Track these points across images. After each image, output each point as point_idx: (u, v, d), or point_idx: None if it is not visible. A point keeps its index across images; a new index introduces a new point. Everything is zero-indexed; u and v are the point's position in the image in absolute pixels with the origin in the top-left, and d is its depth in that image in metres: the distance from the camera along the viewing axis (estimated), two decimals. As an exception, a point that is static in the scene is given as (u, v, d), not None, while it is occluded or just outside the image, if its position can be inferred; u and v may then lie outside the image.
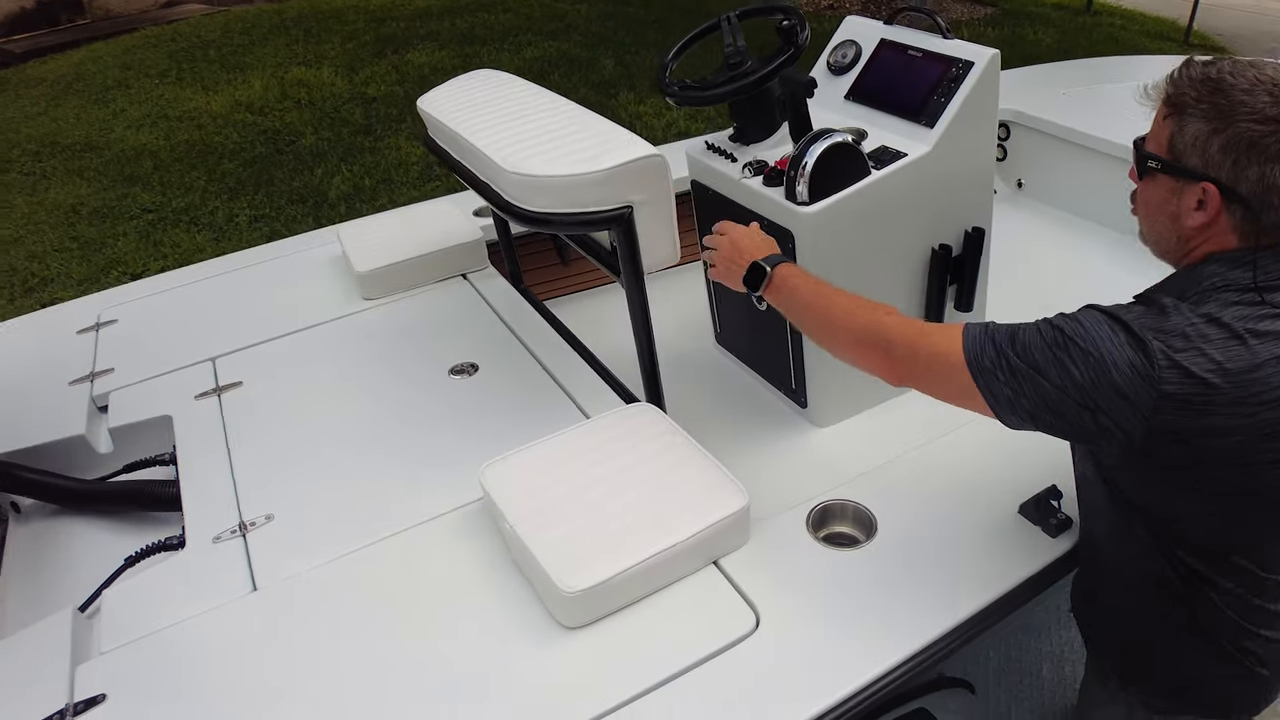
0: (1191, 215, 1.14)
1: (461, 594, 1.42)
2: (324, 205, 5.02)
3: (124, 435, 1.96)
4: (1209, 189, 1.11)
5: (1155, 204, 1.20)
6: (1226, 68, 1.10)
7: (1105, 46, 8.49)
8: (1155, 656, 1.39)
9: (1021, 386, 1.15)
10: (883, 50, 2.20)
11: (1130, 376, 1.06)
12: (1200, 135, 1.09)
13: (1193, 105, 1.10)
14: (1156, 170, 1.17)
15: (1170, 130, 1.13)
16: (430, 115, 1.95)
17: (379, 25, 8.51)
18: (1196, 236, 1.16)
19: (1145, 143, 1.21)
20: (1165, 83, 1.16)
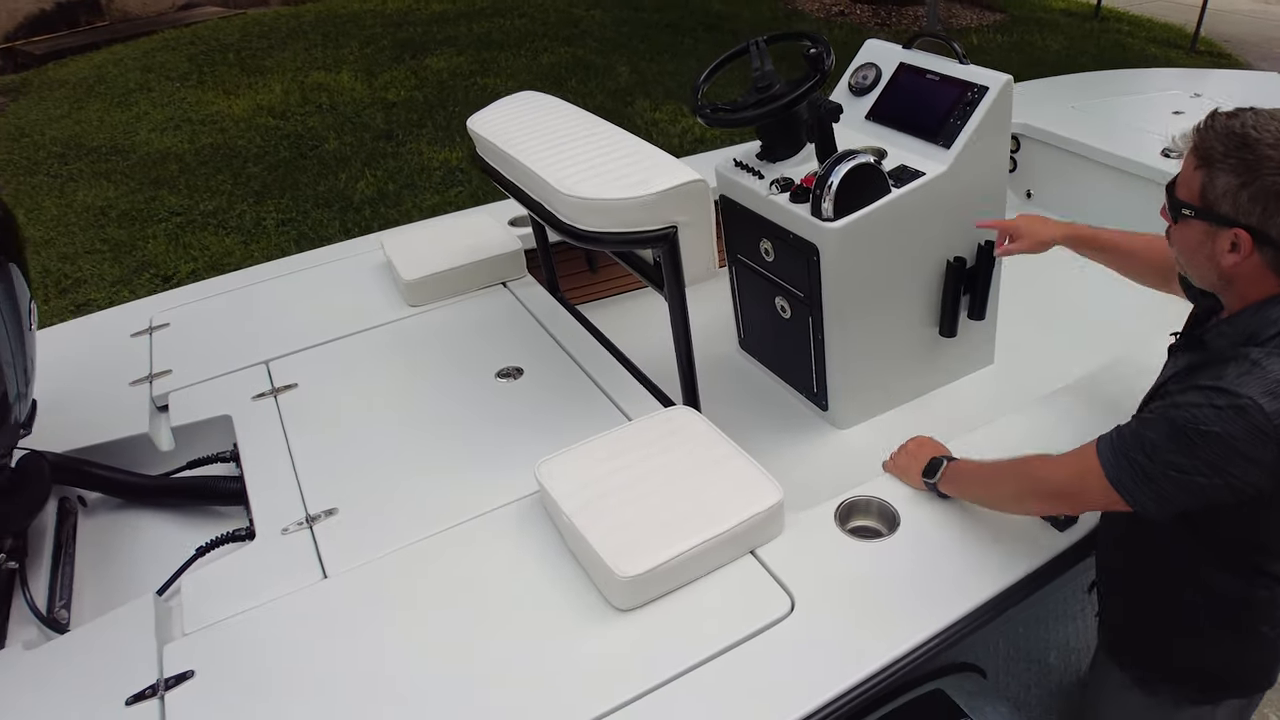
0: (1226, 256, 1.25)
1: (520, 580, 1.54)
2: (349, 209, 5.14)
3: (185, 434, 2.08)
4: (1241, 234, 1.22)
5: (1192, 246, 1.31)
6: (1250, 121, 1.21)
7: (1113, 53, 8.56)
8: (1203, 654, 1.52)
9: (1161, 489, 1.27)
10: (902, 74, 2.32)
11: (1251, 442, 1.18)
12: (1231, 187, 1.20)
13: (1221, 159, 1.21)
14: (1190, 217, 1.27)
15: (1201, 180, 1.24)
16: (480, 136, 2.07)
17: (396, 29, 8.63)
18: (1233, 274, 1.27)
19: (1177, 189, 1.30)
20: (1193, 134, 1.27)
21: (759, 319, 2.53)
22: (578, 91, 7.18)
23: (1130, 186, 3.12)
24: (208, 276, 4.41)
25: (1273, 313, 1.26)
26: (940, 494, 1.65)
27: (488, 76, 7.42)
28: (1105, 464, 1.32)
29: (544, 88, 8.08)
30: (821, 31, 9.25)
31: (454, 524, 1.67)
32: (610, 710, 1.31)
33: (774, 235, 2.22)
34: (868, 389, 2.36)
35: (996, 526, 1.61)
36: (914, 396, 2.46)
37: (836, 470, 2.26)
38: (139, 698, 1.38)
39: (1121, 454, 1.30)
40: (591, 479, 1.61)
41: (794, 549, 1.56)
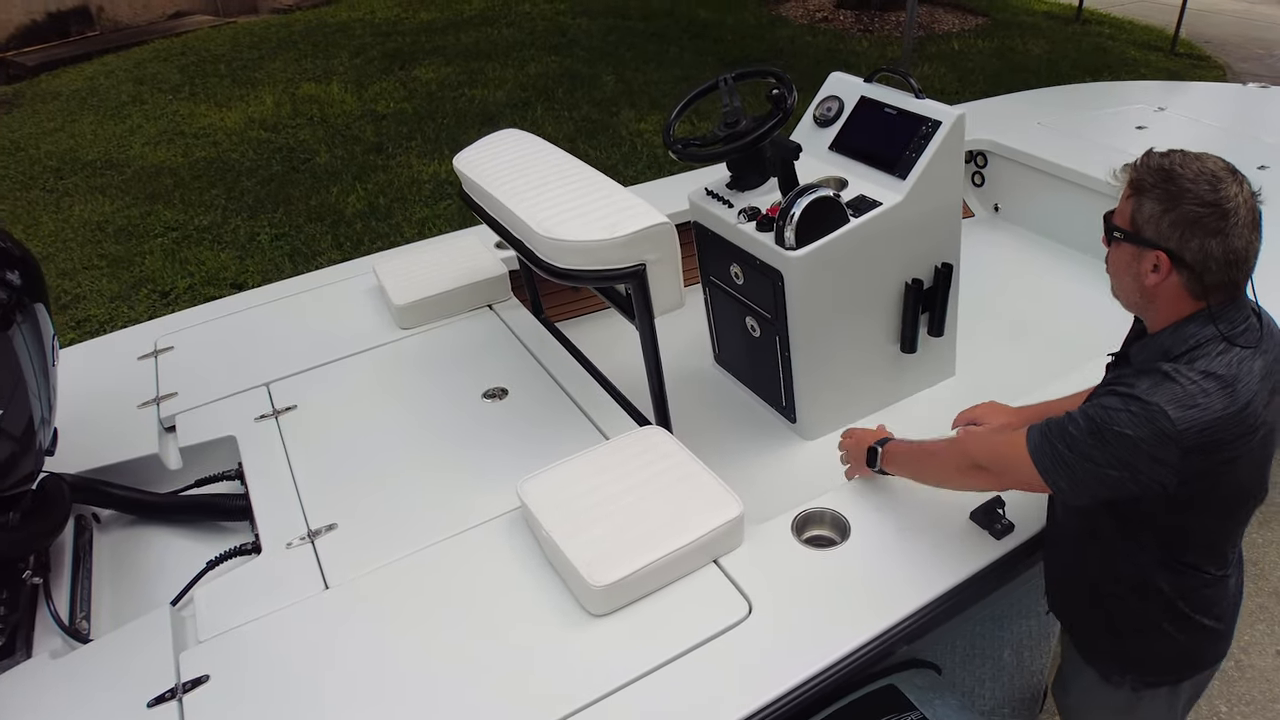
0: (1148, 276, 1.43)
1: (504, 588, 1.69)
2: (341, 223, 5.27)
3: (192, 454, 2.22)
4: (1161, 256, 1.39)
5: (1120, 266, 1.49)
6: (1177, 160, 1.40)
7: (1093, 58, 8.71)
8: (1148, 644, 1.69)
9: (1074, 474, 1.45)
10: (862, 108, 2.47)
11: (1156, 444, 1.36)
12: (1155, 213, 1.39)
13: (1149, 189, 1.40)
14: (1120, 239, 1.45)
15: (1132, 207, 1.42)
16: (466, 175, 2.21)
17: (385, 39, 8.76)
18: (1154, 294, 1.44)
19: (1114, 216, 1.48)
20: (1130, 169, 1.46)
21: (731, 336, 2.68)
22: (565, 102, 7.32)
23: (1091, 201, 3.28)
24: (205, 291, 4.59)
25: (1185, 331, 1.43)
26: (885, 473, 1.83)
27: (476, 87, 7.56)
28: (1031, 447, 1.48)
29: (531, 98, 8.21)
30: (804, 37, 9.40)
31: (444, 538, 1.82)
32: (586, 705, 1.47)
33: (742, 260, 2.37)
34: (834, 402, 2.51)
35: (940, 536, 1.77)
36: (879, 408, 2.61)
37: (804, 478, 2.42)
38: (159, 700, 1.52)
39: (1046, 440, 1.47)
40: (569, 496, 1.76)
41: (753, 558, 1.72)
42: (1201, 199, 1.35)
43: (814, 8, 10.43)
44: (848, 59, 8.48)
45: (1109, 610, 1.69)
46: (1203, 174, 1.37)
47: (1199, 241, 1.36)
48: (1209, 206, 1.35)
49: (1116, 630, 1.71)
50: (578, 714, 1.46)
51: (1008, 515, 1.78)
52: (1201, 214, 1.35)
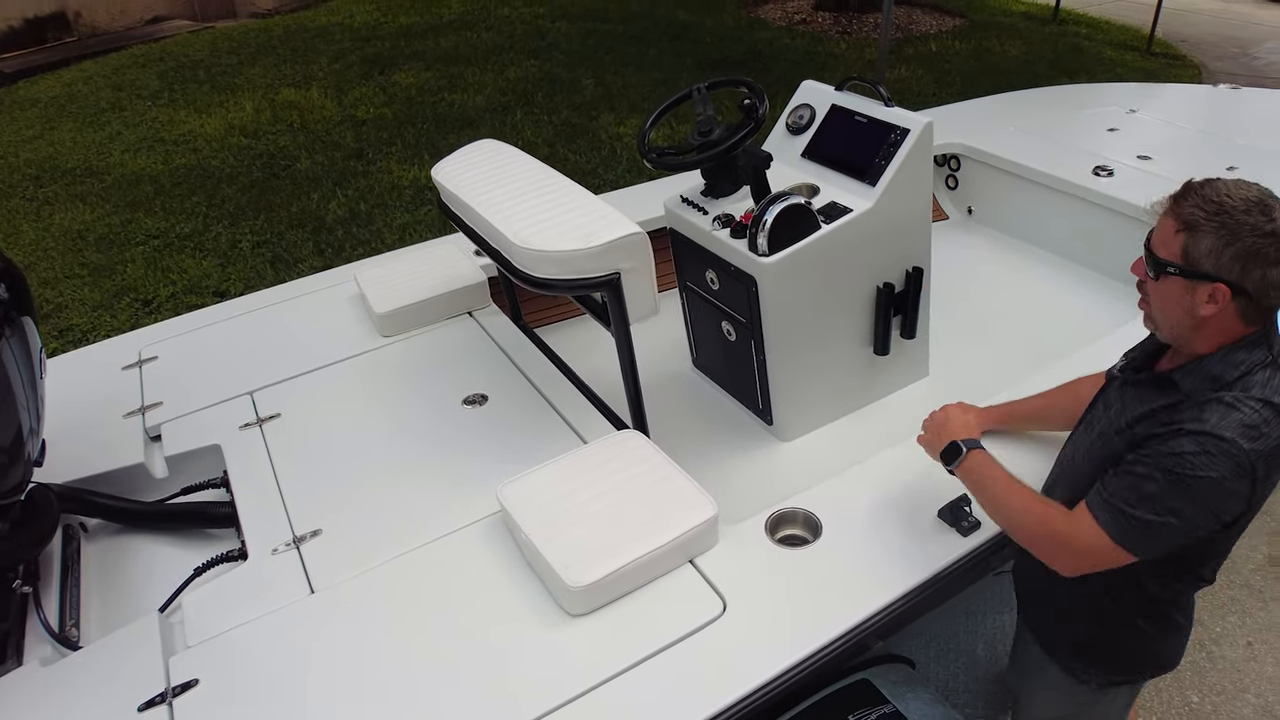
0: (1204, 307, 1.43)
1: (485, 590, 1.74)
2: (322, 230, 5.29)
3: (178, 462, 2.25)
4: (1220, 288, 1.40)
5: (1171, 299, 1.47)
6: (1223, 190, 1.40)
7: (1070, 58, 8.81)
8: (1124, 645, 1.76)
9: (1162, 536, 1.45)
10: (834, 116, 2.52)
11: (1235, 479, 1.38)
12: (1214, 248, 1.38)
13: (1202, 224, 1.39)
14: (1175, 274, 1.44)
15: (1184, 242, 1.41)
16: (444, 186, 2.25)
17: (364, 44, 8.77)
18: (1206, 323, 1.45)
19: (1156, 249, 1.47)
20: (1169, 202, 1.46)
21: (708, 340, 2.73)
22: (544, 106, 7.36)
23: (1063, 204, 3.36)
24: (187, 300, 4.61)
25: (1235, 357, 1.45)
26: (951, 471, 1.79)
27: (455, 92, 7.59)
28: (1108, 528, 1.47)
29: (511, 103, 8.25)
30: (782, 39, 9.47)
31: (427, 542, 1.86)
32: (566, 702, 1.52)
33: (718, 266, 2.42)
34: (809, 404, 2.57)
35: (908, 533, 1.82)
36: (854, 409, 2.67)
37: (780, 479, 2.47)
38: (150, 705, 1.56)
39: (1121, 515, 1.46)
40: (547, 500, 1.80)
41: (728, 557, 1.77)
42: (1260, 229, 1.36)
43: (792, 10, 10.51)
44: (825, 61, 8.56)
45: (1091, 610, 1.73)
46: (1252, 203, 1.38)
47: (1260, 271, 1.38)
48: (1268, 237, 1.36)
49: (1097, 630, 1.76)
50: (557, 711, 1.51)
51: (974, 514, 1.84)
52: (1262, 245, 1.36)
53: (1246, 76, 8.85)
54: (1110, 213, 3.16)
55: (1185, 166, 3.31)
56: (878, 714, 1.81)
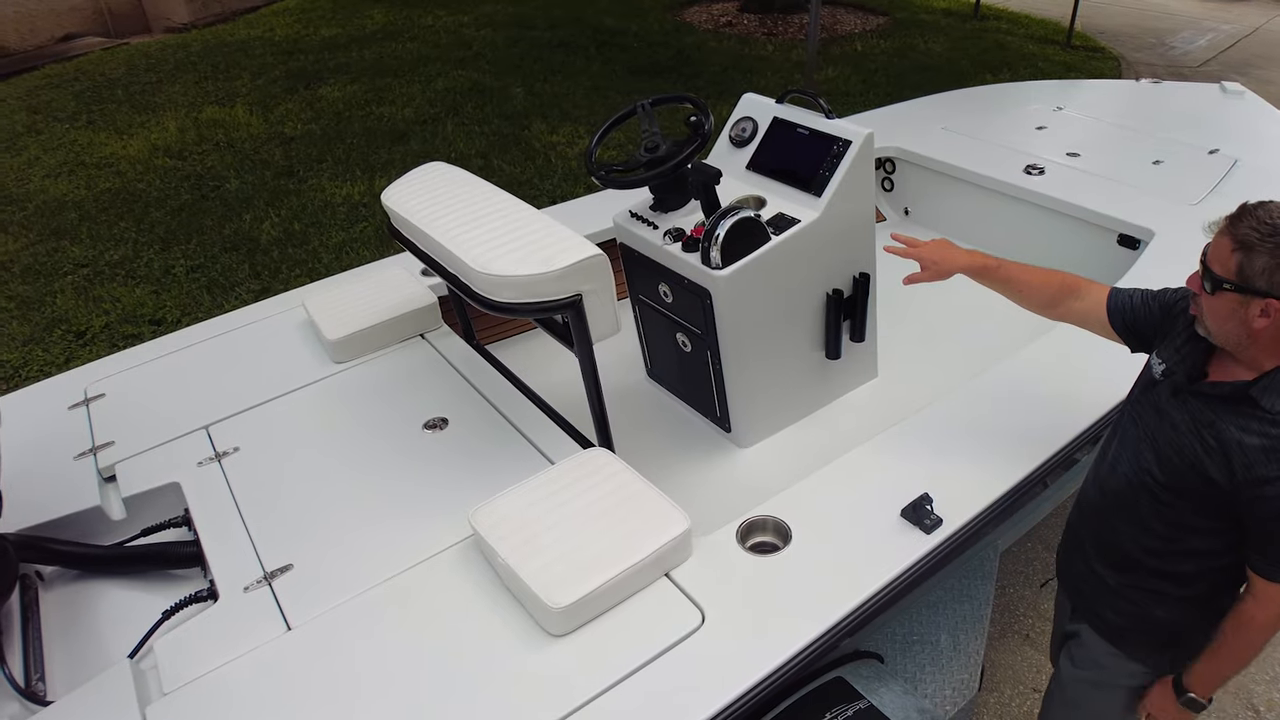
0: (1257, 320, 1.54)
1: (465, 617, 1.75)
2: (257, 251, 5.20)
3: (136, 503, 2.20)
4: (1273, 303, 1.51)
5: (1224, 313, 1.59)
6: (1277, 212, 1.52)
7: (993, 54, 9.07)
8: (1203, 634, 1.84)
9: None
10: (776, 128, 2.58)
11: None
12: (1268, 266, 1.50)
13: (1258, 244, 1.50)
14: (1230, 290, 1.55)
15: (1239, 261, 1.53)
16: (395, 211, 2.25)
17: (288, 58, 8.62)
18: (1259, 335, 1.56)
19: (1212, 265, 1.58)
20: (1225, 223, 1.58)
21: (663, 351, 2.77)
22: (474, 117, 7.33)
23: (996, 202, 3.48)
24: (122, 329, 4.49)
25: None
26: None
27: (383, 105, 7.51)
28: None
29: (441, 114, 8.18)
30: (709, 43, 9.57)
31: (401, 570, 1.87)
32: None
33: (670, 280, 2.47)
34: (765, 411, 2.63)
35: (875, 535, 1.89)
36: (808, 413, 2.74)
37: (741, 485, 2.53)
38: None
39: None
40: (521, 522, 1.82)
41: (702, 568, 1.81)
42: None
43: (718, 13, 10.63)
44: (754, 64, 8.68)
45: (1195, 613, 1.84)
46: None
47: None
48: None
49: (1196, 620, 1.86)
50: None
51: (936, 511, 1.91)
52: None
53: (1164, 66, 9.23)
54: (1044, 210, 3.29)
55: (1113, 162, 3.47)
56: (854, 709, 1.87)
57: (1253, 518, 1.62)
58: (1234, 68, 9.31)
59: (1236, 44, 10.41)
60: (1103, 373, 2.32)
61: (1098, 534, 1.96)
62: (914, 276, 2.14)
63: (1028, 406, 2.25)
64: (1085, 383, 2.32)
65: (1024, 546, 3.32)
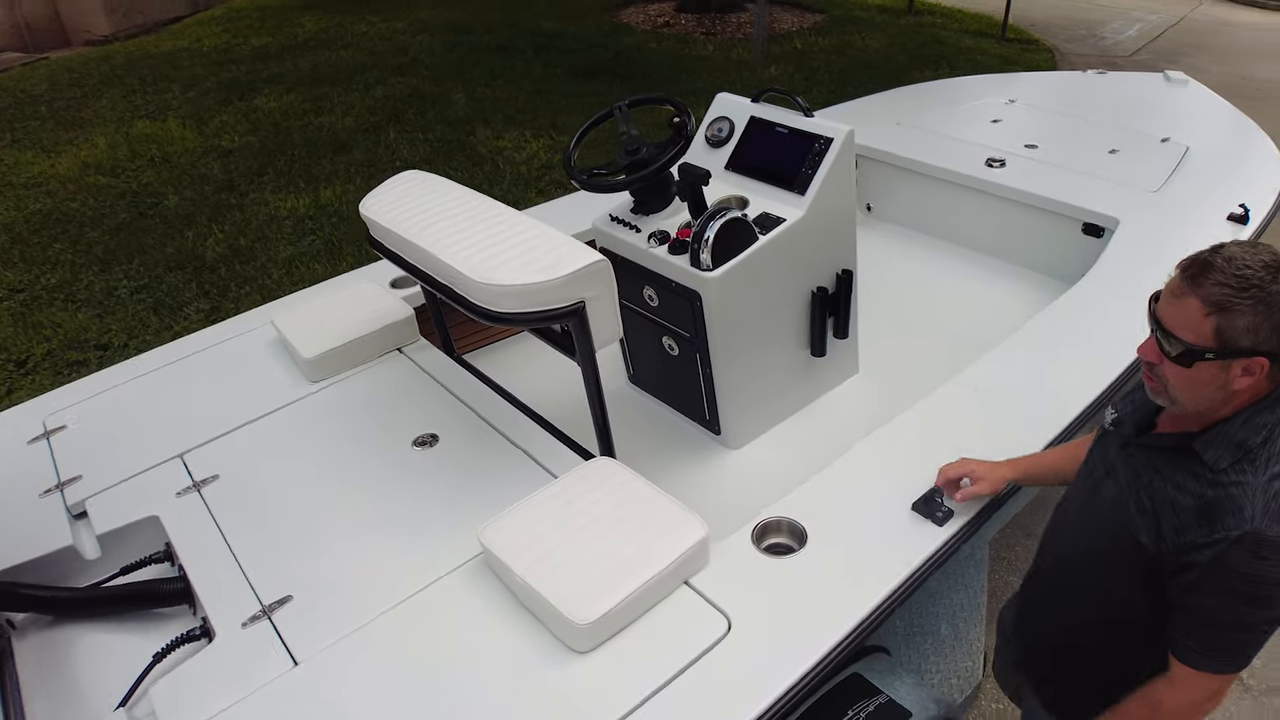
0: (1239, 380, 1.36)
1: (483, 639, 1.69)
2: (204, 270, 5.02)
3: (111, 540, 2.08)
4: (1259, 360, 1.33)
5: (1203, 382, 1.39)
6: (1239, 261, 1.33)
7: (931, 48, 9.22)
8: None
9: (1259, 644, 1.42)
10: (754, 128, 2.57)
11: None
12: (1252, 325, 1.31)
13: (1235, 303, 1.31)
14: (1212, 359, 1.35)
15: (1216, 324, 1.33)
16: (376, 221, 2.17)
17: (219, 69, 8.38)
18: (1239, 393, 1.39)
19: (1182, 335, 1.37)
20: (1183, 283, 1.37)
21: (647, 356, 2.74)
22: (416, 124, 7.21)
23: (959, 196, 3.51)
24: (67, 356, 4.31)
25: (1259, 420, 1.40)
26: None
27: (323, 114, 7.35)
28: (1212, 668, 1.45)
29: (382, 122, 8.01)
30: (648, 43, 9.56)
31: (409, 594, 1.80)
32: None
33: (657, 283, 2.43)
34: (754, 411, 2.61)
35: (889, 530, 1.87)
36: (794, 411, 2.73)
37: (737, 487, 2.51)
38: None
39: (1217, 652, 1.44)
40: (534, 537, 1.77)
41: (722, 574, 1.78)
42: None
43: (655, 13, 10.63)
44: (695, 64, 8.70)
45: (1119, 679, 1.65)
46: (1269, 267, 1.33)
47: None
48: None
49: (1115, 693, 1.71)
50: None
51: (946, 503, 1.91)
52: None
53: (1096, 57, 9.49)
54: (1008, 202, 3.33)
55: (1071, 153, 3.53)
56: (875, 705, 1.86)
57: (1176, 589, 1.45)
58: (1165, 57, 9.61)
59: (1164, 33, 10.77)
60: (1083, 360, 2.36)
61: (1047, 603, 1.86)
62: (969, 491, 1.92)
63: (1018, 396, 2.27)
64: (1070, 370, 2.35)
65: (1005, 534, 3.36)
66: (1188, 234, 2.84)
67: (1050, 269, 3.31)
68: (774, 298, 2.46)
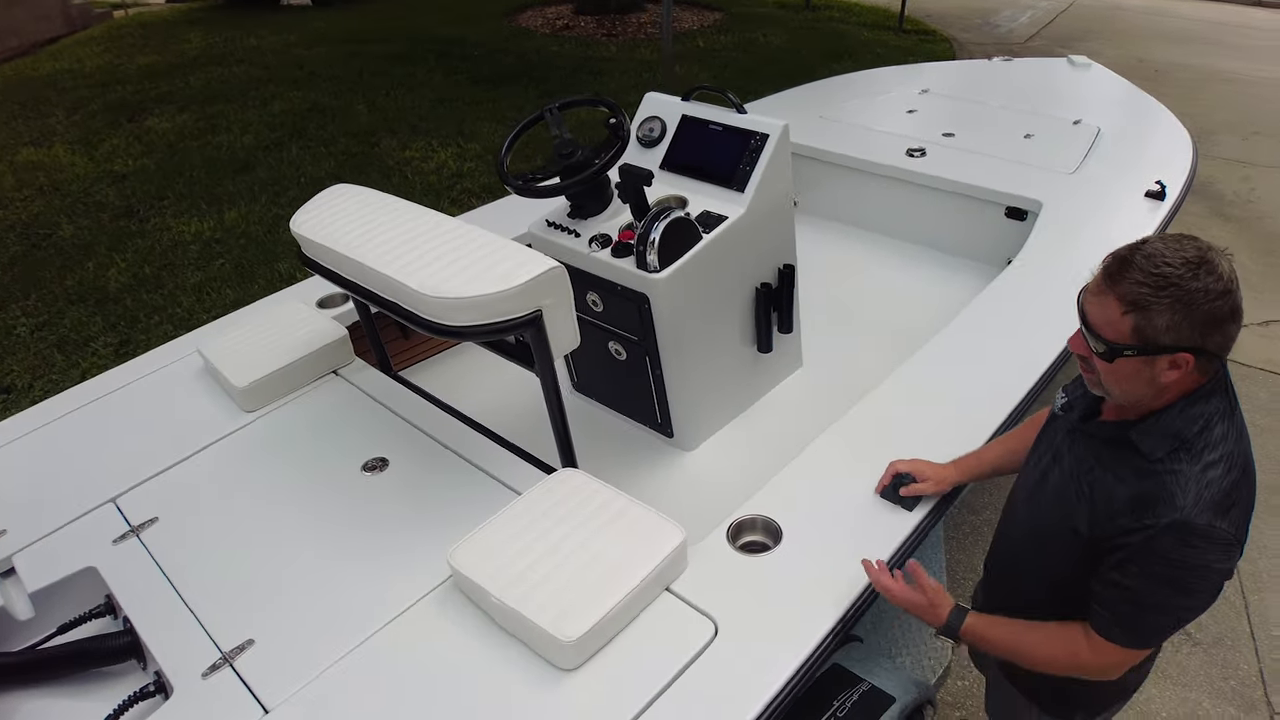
0: (1166, 374, 1.38)
1: (464, 666, 1.63)
2: (108, 301, 4.77)
3: (45, 597, 1.94)
4: (1183, 356, 1.35)
5: (1129, 376, 1.41)
6: (1159, 257, 1.33)
7: (833, 42, 9.38)
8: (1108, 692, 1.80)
9: (1175, 625, 1.49)
10: (687, 126, 2.56)
11: (1225, 556, 1.39)
12: (1173, 322, 1.32)
13: (1153, 301, 1.32)
14: (1134, 356, 1.37)
15: (1134, 323, 1.34)
16: (309, 239, 2.08)
17: (104, 91, 8.00)
18: (1168, 386, 1.40)
19: (1103, 333, 1.39)
20: (1103, 281, 1.39)
21: (593, 363, 2.70)
22: (319, 138, 7.02)
23: (884, 187, 3.57)
24: (-36, 402, 4.02)
25: (1194, 411, 1.42)
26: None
27: (220, 133, 7.09)
28: (1125, 642, 1.50)
29: (284, 138, 7.78)
30: (550, 47, 9.50)
31: (379, 627, 1.72)
32: None
33: (601, 288, 2.40)
34: (706, 411, 2.60)
35: (862, 519, 1.88)
36: (745, 408, 2.73)
37: (696, 488, 2.49)
38: None
39: (1134, 629, 1.48)
40: (507, 556, 1.71)
41: (702, 577, 1.76)
42: (1212, 292, 1.32)
43: (553, 16, 10.58)
44: (601, 66, 8.68)
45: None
46: (1193, 264, 1.32)
47: (1220, 331, 1.35)
48: (1223, 297, 1.32)
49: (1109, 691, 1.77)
50: None
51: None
52: (1218, 308, 1.32)
53: (992, 44, 9.81)
54: (932, 191, 3.40)
55: (987, 139, 3.63)
56: (859, 693, 1.87)
57: (1105, 567, 1.48)
58: (1060, 41, 9.99)
59: (1056, 19, 11.20)
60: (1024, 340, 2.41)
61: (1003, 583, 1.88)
62: (916, 488, 1.95)
63: (967, 378, 2.31)
64: (1015, 347, 2.40)
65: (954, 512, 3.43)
66: (1108, 213, 2.94)
67: (977, 254, 3.39)
68: (720, 296, 2.45)
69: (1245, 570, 3.17)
